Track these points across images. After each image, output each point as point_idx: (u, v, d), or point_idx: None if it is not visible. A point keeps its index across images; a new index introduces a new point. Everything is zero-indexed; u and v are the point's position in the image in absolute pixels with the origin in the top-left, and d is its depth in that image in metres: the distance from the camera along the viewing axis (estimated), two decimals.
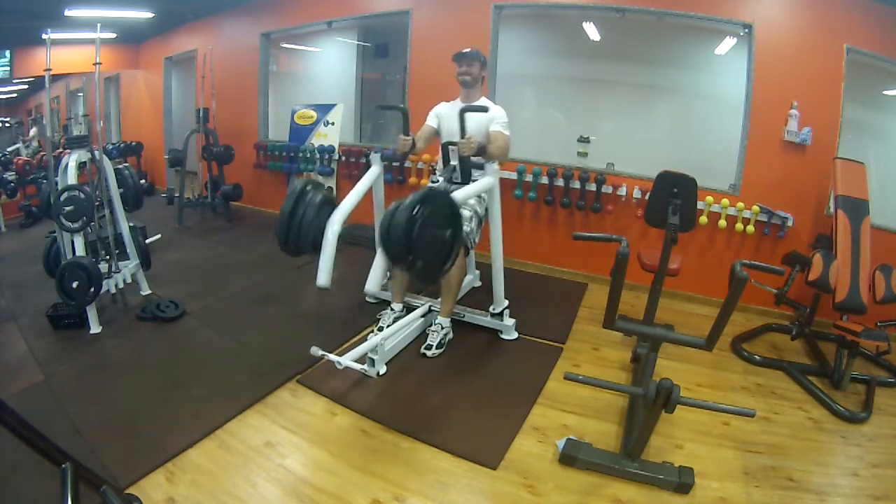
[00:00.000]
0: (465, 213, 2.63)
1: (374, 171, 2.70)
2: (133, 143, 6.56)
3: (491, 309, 2.83)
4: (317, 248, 2.16)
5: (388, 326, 2.60)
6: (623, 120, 4.03)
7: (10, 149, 6.57)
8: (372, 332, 2.70)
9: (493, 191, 2.64)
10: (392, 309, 2.76)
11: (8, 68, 5.99)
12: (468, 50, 2.72)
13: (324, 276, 2.11)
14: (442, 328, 2.63)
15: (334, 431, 2.02)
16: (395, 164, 4.16)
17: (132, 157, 6.50)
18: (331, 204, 2.22)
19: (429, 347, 2.55)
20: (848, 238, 2.69)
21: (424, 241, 1.84)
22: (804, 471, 1.92)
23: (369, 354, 2.32)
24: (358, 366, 2.23)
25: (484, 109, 2.56)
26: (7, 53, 5.91)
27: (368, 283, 2.09)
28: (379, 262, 2.07)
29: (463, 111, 2.49)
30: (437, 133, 2.85)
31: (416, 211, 1.79)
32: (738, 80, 3.33)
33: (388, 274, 2.69)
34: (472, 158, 2.58)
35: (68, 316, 2.71)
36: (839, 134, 3.11)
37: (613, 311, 1.80)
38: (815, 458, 2.02)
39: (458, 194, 2.24)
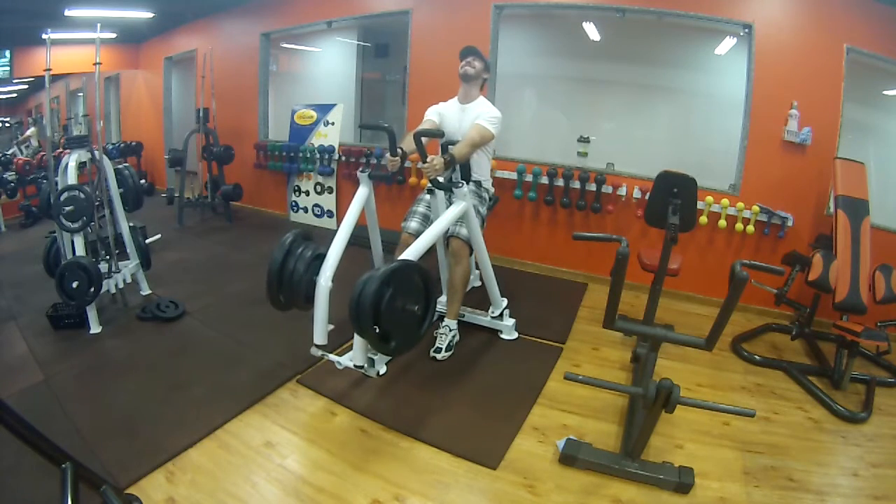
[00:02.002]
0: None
1: (363, 193, 2.48)
2: (133, 143, 6.57)
3: (490, 311, 2.83)
4: (309, 301, 2.15)
5: None
6: (623, 120, 4.02)
7: (8, 151, 6.58)
8: None
9: (468, 214, 2.47)
10: None
11: (8, 68, 6.00)
12: (475, 48, 2.72)
13: (319, 335, 2.13)
14: (450, 330, 2.63)
15: (334, 431, 2.02)
16: (385, 183, 4.11)
17: (132, 157, 6.51)
18: (321, 258, 2.17)
19: (438, 350, 2.55)
20: (848, 238, 2.69)
21: (394, 316, 1.80)
22: (804, 471, 1.92)
23: (369, 354, 2.32)
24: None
25: (440, 134, 2.48)
26: (7, 53, 5.91)
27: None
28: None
29: (418, 135, 2.36)
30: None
31: (384, 288, 1.75)
32: (738, 79, 3.33)
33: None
34: (453, 172, 2.53)
35: (68, 316, 2.71)
36: (839, 134, 3.12)
37: (613, 311, 1.80)
38: (815, 458, 2.01)
39: (434, 228, 2.27)
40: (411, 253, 2.07)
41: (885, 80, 3.26)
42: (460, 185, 2.44)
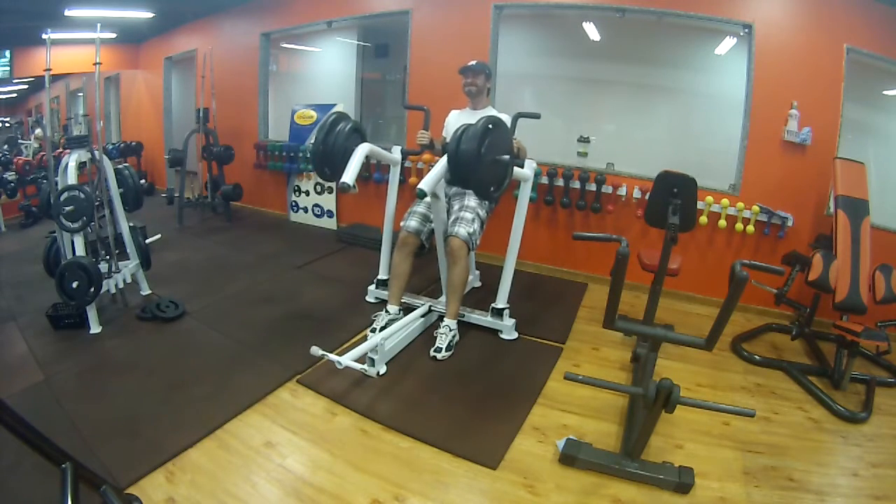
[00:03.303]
0: (468, 215, 2.63)
1: (395, 159, 3.01)
2: (133, 143, 6.56)
3: (493, 305, 2.82)
4: (345, 160, 2.40)
5: (381, 329, 2.60)
6: (623, 120, 4.02)
7: (25, 142, 6.59)
8: (373, 331, 2.70)
9: (527, 183, 2.85)
10: (387, 311, 2.76)
11: (8, 68, 6.00)
12: (473, 63, 2.76)
13: (349, 175, 2.30)
14: (450, 330, 2.63)
15: (334, 431, 2.02)
16: (415, 155, 4.23)
17: (132, 157, 6.50)
18: (360, 131, 2.57)
19: (438, 350, 2.55)
20: (848, 238, 2.69)
21: (490, 159, 2.17)
22: (804, 471, 1.92)
23: (369, 354, 2.32)
24: (358, 365, 2.24)
25: (537, 116, 2.78)
26: (7, 53, 5.92)
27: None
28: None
29: (517, 116, 2.77)
30: None
31: (487, 132, 2.12)
32: (738, 80, 3.33)
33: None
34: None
35: (68, 316, 2.71)
36: (839, 134, 3.12)
37: (613, 311, 1.80)
38: (815, 458, 2.02)
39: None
40: None
41: (885, 80, 3.26)
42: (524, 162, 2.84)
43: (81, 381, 2.28)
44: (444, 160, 2.24)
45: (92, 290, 2.59)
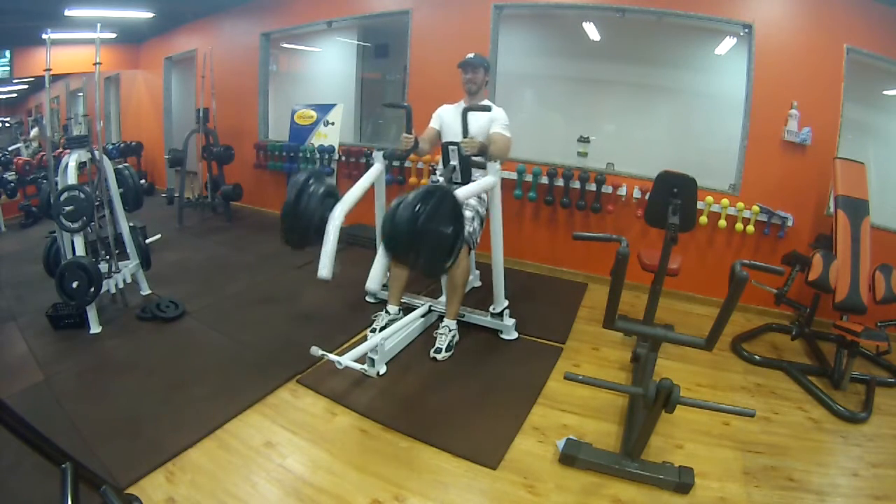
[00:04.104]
0: (467, 213, 2.63)
1: (376, 168, 2.70)
2: (133, 143, 6.57)
3: (491, 308, 2.83)
4: (320, 238, 2.13)
5: (380, 329, 2.60)
6: (623, 120, 4.02)
7: (13, 147, 6.58)
8: (373, 331, 2.70)
9: (494, 190, 2.64)
10: (387, 311, 2.76)
11: (8, 68, 6.00)
12: (472, 57, 2.75)
13: (325, 269, 2.08)
14: (450, 330, 2.63)
15: (334, 431, 2.02)
16: (395, 164, 4.15)
17: (132, 157, 6.51)
18: (333, 196, 2.20)
19: (438, 351, 2.55)
20: (848, 238, 2.69)
21: (428, 237, 1.82)
22: (804, 471, 1.92)
23: (369, 354, 2.32)
24: (358, 366, 2.24)
25: (487, 108, 2.59)
26: (7, 53, 5.92)
27: (369, 282, 2.06)
28: (380, 259, 2.05)
29: (466, 111, 2.54)
30: (440, 135, 2.85)
31: (418, 207, 1.77)
32: (738, 80, 3.33)
33: (388, 273, 2.69)
34: (474, 158, 2.59)
35: (68, 316, 2.71)
36: (839, 134, 3.12)
37: (613, 311, 1.80)
38: (815, 458, 2.01)
39: (461, 192, 2.24)
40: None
41: (885, 80, 3.26)
42: (484, 164, 2.60)
43: (81, 381, 2.28)
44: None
45: (92, 290, 2.59)
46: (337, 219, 2.10)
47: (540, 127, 4.29)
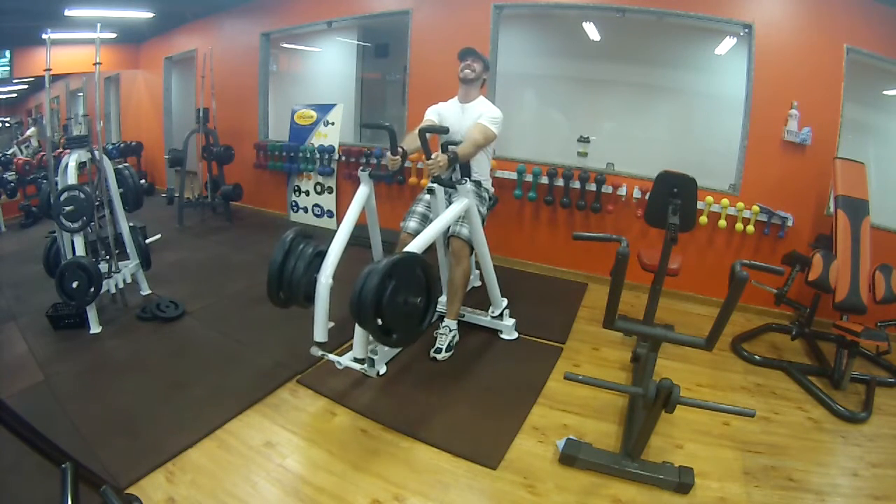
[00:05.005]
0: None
1: (363, 192, 2.52)
2: (133, 143, 6.57)
3: (490, 311, 2.83)
4: (309, 300, 2.16)
5: None
6: (623, 120, 4.02)
7: (9, 151, 6.58)
8: None
9: (470, 212, 2.46)
10: None
11: (8, 68, 5.99)
12: (473, 48, 2.72)
13: (320, 332, 2.15)
14: (450, 330, 2.63)
15: (334, 431, 2.02)
16: (386, 182, 4.14)
17: (132, 157, 6.51)
18: (321, 256, 2.19)
19: (438, 351, 2.54)
20: (848, 238, 2.69)
21: (396, 310, 1.83)
22: (804, 471, 1.92)
23: (369, 354, 2.32)
24: (358, 366, 2.23)
25: (445, 130, 2.50)
26: (7, 53, 5.91)
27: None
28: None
29: (423, 132, 2.42)
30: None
31: (387, 280, 1.78)
32: (738, 80, 3.33)
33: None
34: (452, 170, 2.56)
35: (68, 316, 2.71)
36: (839, 134, 3.11)
37: (613, 311, 1.80)
38: (815, 458, 2.02)
39: (436, 224, 2.26)
40: (413, 248, 2.08)
41: (885, 80, 3.26)
42: (463, 182, 2.45)
43: (81, 381, 2.28)
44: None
45: (92, 290, 2.59)
46: (326, 280, 2.13)
47: (540, 127, 4.29)
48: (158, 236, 4.18)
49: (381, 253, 2.89)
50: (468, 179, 2.49)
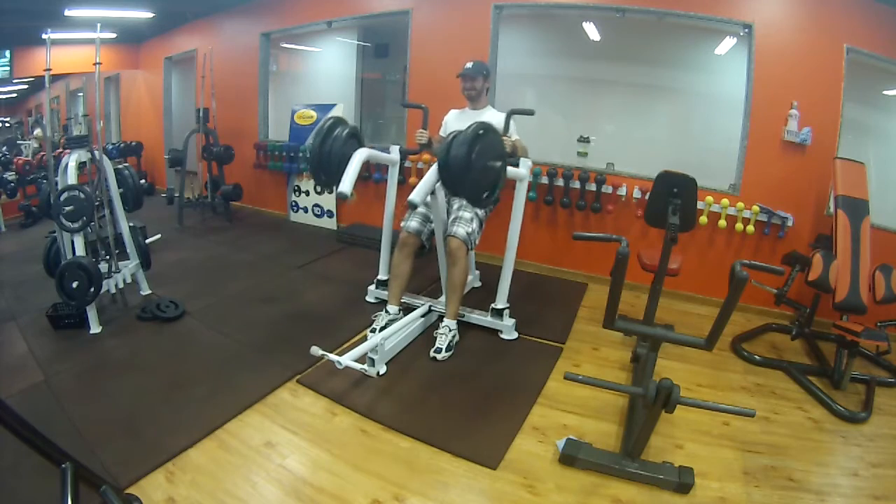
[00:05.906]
0: (467, 214, 2.63)
1: (394, 158, 2.98)
2: (133, 143, 6.56)
3: (492, 305, 2.82)
4: (342, 168, 2.35)
5: (380, 329, 2.60)
6: (623, 120, 4.02)
7: (23, 142, 6.58)
8: (372, 331, 2.70)
9: (523, 183, 2.78)
10: (387, 311, 2.76)
11: (8, 68, 5.99)
12: (470, 66, 2.76)
13: (346, 185, 2.25)
14: (450, 330, 2.63)
15: (334, 431, 2.02)
16: (413, 154, 4.22)
17: (132, 157, 6.50)
18: (357, 137, 2.53)
19: (438, 351, 2.54)
20: (848, 238, 2.69)
21: (480, 165, 2.15)
22: (804, 471, 1.92)
23: (369, 354, 2.32)
24: (358, 365, 2.24)
25: (531, 112, 2.75)
26: (7, 53, 5.91)
27: (414, 194, 2.18)
28: (432, 174, 2.24)
29: (511, 113, 2.74)
30: None
31: (472, 143, 2.09)
32: (738, 80, 3.32)
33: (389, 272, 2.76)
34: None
35: (68, 316, 2.71)
36: (839, 134, 3.12)
37: (613, 311, 1.80)
38: (815, 458, 2.02)
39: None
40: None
41: (885, 80, 3.26)
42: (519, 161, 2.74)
43: (81, 381, 2.28)
44: (434, 168, 2.23)
45: (92, 290, 2.59)
46: (361, 153, 2.38)
47: (540, 127, 4.26)
48: (158, 236, 4.19)
49: (392, 215, 3.12)
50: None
